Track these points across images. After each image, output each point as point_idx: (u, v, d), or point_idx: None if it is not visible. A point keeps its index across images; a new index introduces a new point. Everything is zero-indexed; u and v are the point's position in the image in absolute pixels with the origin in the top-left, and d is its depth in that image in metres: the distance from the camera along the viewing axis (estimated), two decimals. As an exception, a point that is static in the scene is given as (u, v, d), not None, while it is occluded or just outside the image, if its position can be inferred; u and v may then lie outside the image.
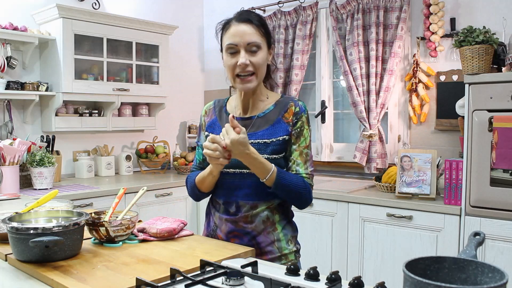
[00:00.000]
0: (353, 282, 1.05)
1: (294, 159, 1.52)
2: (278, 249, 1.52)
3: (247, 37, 1.46)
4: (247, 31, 1.47)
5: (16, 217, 1.40)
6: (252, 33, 1.47)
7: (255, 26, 1.48)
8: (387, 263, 2.67)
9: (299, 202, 1.53)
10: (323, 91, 3.69)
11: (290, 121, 1.52)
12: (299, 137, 1.52)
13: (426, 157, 2.69)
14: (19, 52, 3.25)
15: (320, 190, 2.95)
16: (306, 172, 1.51)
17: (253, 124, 1.54)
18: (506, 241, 2.27)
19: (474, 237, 0.98)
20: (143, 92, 3.65)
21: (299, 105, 1.54)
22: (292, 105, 1.53)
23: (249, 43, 1.46)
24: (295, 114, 1.52)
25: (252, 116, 1.56)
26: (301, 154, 1.52)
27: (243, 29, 1.47)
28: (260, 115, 1.54)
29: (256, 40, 1.47)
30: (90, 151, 3.72)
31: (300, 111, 1.53)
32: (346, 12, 3.38)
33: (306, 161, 1.52)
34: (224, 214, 1.56)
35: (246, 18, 1.50)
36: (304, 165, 1.52)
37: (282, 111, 1.53)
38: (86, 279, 1.14)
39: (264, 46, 1.50)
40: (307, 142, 1.54)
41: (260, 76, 1.51)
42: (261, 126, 1.53)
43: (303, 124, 1.53)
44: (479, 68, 2.39)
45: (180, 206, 3.49)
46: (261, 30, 1.49)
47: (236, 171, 1.52)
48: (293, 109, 1.52)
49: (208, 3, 4.49)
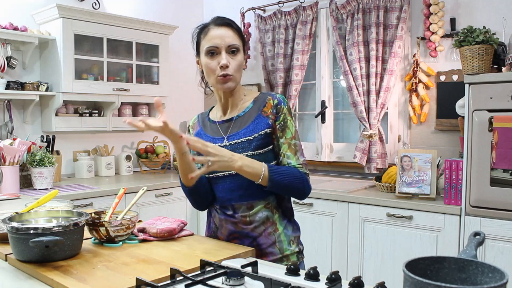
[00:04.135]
0: (353, 282, 1.05)
1: (284, 152, 1.52)
2: (279, 250, 1.52)
3: (228, 39, 1.50)
4: (227, 34, 1.51)
5: (16, 217, 1.41)
6: (232, 36, 1.52)
7: (234, 29, 1.53)
8: (387, 263, 2.67)
9: (298, 193, 1.52)
10: (323, 91, 3.69)
11: (270, 113, 1.52)
12: (284, 129, 1.52)
13: (426, 157, 2.69)
14: (19, 52, 3.25)
15: (320, 190, 2.95)
16: (298, 162, 1.51)
17: (233, 124, 1.55)
18: (506, 241, 2.27)
19: (474, 237, 0.98)
20: (143, 92, 3.65)
21: (277, 97, 1.54)
22: (270, 98, 1.54)
23: (229, 45, 1.50)
24: (274, 107, 1.52)
25: (232, 117, 1.57)
26: (290, 146, 1.52)
27: (223, 32, 1.51)
28: (240, 115, 1.55)
29: (236, 42, 1.51)
30: (90, 151, 3.72)
31: (279, 103, 1.52)
32: (346, 12, 3.38)
33: (296, 152, 1.52)
34: (223, 216, 1.56)
35: (226, 22, 1.54)
36: (295, 156, 1.52)
37: (261, 106, 1.54)
38: (86, 279, 1.14)
39: (241, 49, 1.54)
40: (293, 132, 1.53)
41: (238, 77, 1.54)
42: (242, 125, 1.54)
43: (286, 116, 1.52)
44: (479, 68, 2.39)
45: (180, 206, 3.49)
46: (239, 34, 1.54)
47: (225, 173, 1.51)
48: (272, 102, 1.52)
49: (208, 3, 4.49)
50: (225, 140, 1.53)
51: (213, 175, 1.54)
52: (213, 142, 1.53)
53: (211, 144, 1.37)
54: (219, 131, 1.57)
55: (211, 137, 1.58)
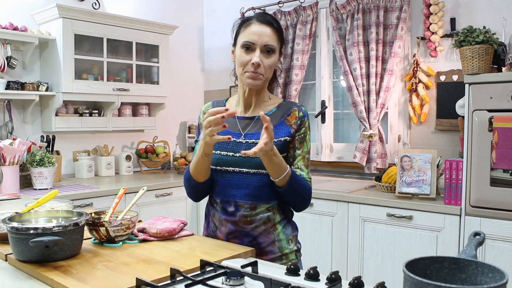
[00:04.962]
0: (353, 282, 1.05)
1: (298, 164, 1.54)
2: (278, 249, 1.52)
3: (266, 38, 1.49)
4: (266, 33, 1.50)
5: (16, 217, 1.40)
6: (271, 35, 1.50)
7: (274, 29, 1.52)
8: (387, 263, 2.67)
9: (300, 205, 1.56)
10: (323, 91, 3.69)
11: (293, 124, 1.54)
12: (302, 142, 1.55)
13: (426, 157, 2.69)
14: (19, 52, 3.25)
15: (320, 190, 2.95)
16: (308, 176, 1.55)
17: (254, 123, 1.55)
18: (506, 241, 2.27)
19: (474, 237, 0.98)
20: (143, 92, 3.65)
21: (303, 110, 1.57)
22: (295, 109, 1.56)
23: (266, 45, 1.49)
24: (299, 118, 1.55)
25: (255, 116, 1.57)
26: (304, 159, 1.55)
27: (263, 30, 1.50)
28: None
29: (273, 43, 1.50)
30: (90, 151, 3.72)
31: (304, 116, 1.56)
32: (346, 12, 3.38)
33: (307, 166, 1.56)
34: (223, 215, 1.55)
35: (268, 20, 1.53)
36: (306, 169, 1.55)
37: (285, 114, 1.56)
38: (86, 279, 1.14)
39: (277, 50, 1.53)
40: (309, 147, 1.57)
41: (267, 77, 1.54)
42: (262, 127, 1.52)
43: (306, 130, 1.56)
44: (479, 68, 2.39)
45: (180, 206, 3.49)
46: (278, 35, 1.53)
47: (235, 169, 1.51)
48: (297, 114, 1.56)
49: (208, 3, 4.49)
50: (242, 137, 1.53)
51: (222, 168, 1.53)
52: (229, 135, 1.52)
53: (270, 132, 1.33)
54: (237, 125, 1.56)
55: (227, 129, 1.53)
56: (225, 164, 1.53)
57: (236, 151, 1.52)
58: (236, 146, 1.52)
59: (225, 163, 1.52)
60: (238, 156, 1.50)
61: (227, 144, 1.53)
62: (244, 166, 1.49)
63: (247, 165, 1.50)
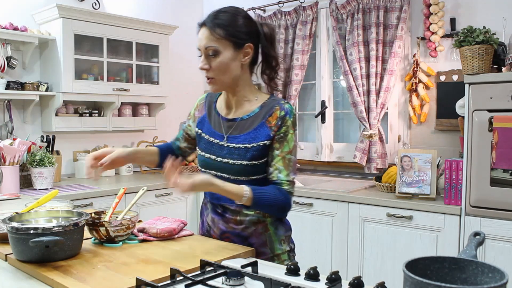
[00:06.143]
0: (353, 282, 1.05)
1: (277, 165, 1.44)
2: (270, 250, 1.52)
3: (204, 41, 1.42)
4: (204, 35, 1.43)
5: (16, 217, 1.41)
6: (207, 37, 1.42)
7: (209, 29, 1.42)
8: (387, 263, 2.66)
9: (278, 214, 1.51)
10: (323, 91, 3.69)
11: (273, 125, 1.45)
12: (282, 142, 1.45)
13: (426, 157, 2.69)
14: (19, 52, 3.25)
15: (320, 190, 2.95)
16: (287, 179, 1.44)
17: (235, 126, 1.50)
18: (506, 241, 2.27)
19: (474, 237, 0.98)
20: (143, 92, 3.65)
21: (285, 108, 1.46)
22: (277, 108, 1.46)
23: (206, 48, 1.42)
24: (280, 118, 1.45)
25: (236, 118, 1.51)
26: (284, 160, 1.44)
27: (201, 33, 1.44)
28: (244, 118, 1.50)
29: (212, 44, 1.41)
30: (90, 151, 3.72)
31: (286, 114, 1.45)
32: (346, 12, 3.38)
33: (288, 167, 1.44)
34: (214, 214, 1.55)
35: (204, 21, 1.45)
36: (286, 171, 1.44)
37: (267, 114, 1.46)
38: (86, 279, 1.14)
39: (225, 48, 1.41)
40: (291, 147, 1.45)
41: (223, 79, 1.45)
42: (243, 129, 1.48)
43: (288, 129, 1.45)
44: (479, 68, 2.39)
45: (180, 206, 3.49)
46: (218, 33, 1.41)
47: (218, 173, 1.49)
48: (278, 113, 1.45)
49: (208, 3, 4.49)
50: (224, 139, 1.51)
51: (207, 170, 1.52)
52: (213, 136, 1.52)
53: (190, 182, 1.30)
54: (221, 127, 1.53)
55: (213, 129, 1.54)
56: (208, 167, 1.52)
57: (219, 154, 1.49)
58: (219, 149, 1.50)
59: (209, 166, 1.52)
60: (219, 160, 1.48)
61: (212, 146, 1.52)
62: (225, 171, 1.47)
63: (227, 171, 1.47)
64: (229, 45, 1.42)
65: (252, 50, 1.47)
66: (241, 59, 1.46)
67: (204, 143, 1.56)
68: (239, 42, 1.43)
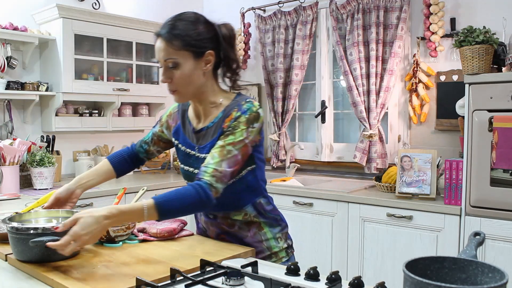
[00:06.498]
0: (353, 282, 1.05)
1: (212, 152, 1.34)
2: (267, 248, 1.51)
3: (162, 53, 1.36)
4: (160, 47, 1.36)
5: (16, 217, 1.41)
6: (165, 49, 1.35)
7: (165, 40, 1.34)
8: (387, 263, 2.66)
9: (195, 211, 1.46)
10: (323, 91, 3.69)
11: (226, 126, 1.38)
12: (228, 135, 1.36)
13: (426, 157, 2.69)
14: (19, 52, 3.25)
15: (320, 190, 2.95)
16: (215, 167, 1.30)
17: (204, 135, 1.45)
18: (506, 241, 2.27)
19: (474, 237, 0.98)
20: (143, 92, 3.65)
21: (242, 109, 1.38)
22: (235, 110, 1.38)
23: (165, 60, 1.35)
24: (234, 119, 1.37)
25: (203, 128, 1.46)
26: (222, 149, 1.33)
27: (157, 45, 1.37)
28: (209, 125, 1.44)
29: (170, 56, 1.34)
30: (90, 151, 3.72)
31: (241, 114, 1.37)
32: (346, 12, 3.38)
33: (223, 158, 1.32)
34: (206, 218, 1.55)
35: (158, 32, 1.37)
36: (218, 159, 1.31)
37: (225, 117, 1.40)
38: (86, 279, 1.14)
39: (185, 59, 1.35)
40: (236, 141, 1.34)
41: (186, 90, 1.39)
42: (209, 138, 1.43)
43: (238, 124, 1.36)
44: (479, 68, 2.39)
45: (180, 206, 3.48)
46: (176, 44, 1.34)
47: None
48: (234, 114, 1.38)
49: (208, 3, 4.49)
50: (196, 149, 1.48)
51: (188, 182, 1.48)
52: (189, 148, 1.49)
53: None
54: (193, 137, 1.50)
55: (188, 140, 1.51)
56: (188, 178, 1.51)
57: (196, 166, 1.44)
58: (195, 160, 1.46)
59: (189, 178, 1.51)
60: (196, 172, 1.40)
61: (189, 157, 1.49)
62: None
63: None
64: (189, 55, 1.36)
65: (213, 56, 1.41)
66: (203, 67, 1.39)
67: (182, 154, 1.53)
68: (199, 51, 1.37)
